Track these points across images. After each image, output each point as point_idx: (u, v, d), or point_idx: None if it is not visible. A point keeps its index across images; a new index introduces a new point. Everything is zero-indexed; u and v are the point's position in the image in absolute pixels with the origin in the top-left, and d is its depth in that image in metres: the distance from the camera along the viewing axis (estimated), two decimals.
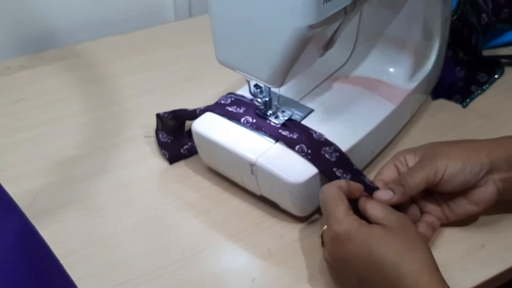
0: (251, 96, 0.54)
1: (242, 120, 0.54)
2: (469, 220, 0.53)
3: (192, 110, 0.59)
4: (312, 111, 0.57)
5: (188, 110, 0.60)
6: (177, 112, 0.62)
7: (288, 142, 0.51)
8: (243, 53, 0.47)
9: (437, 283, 0.40)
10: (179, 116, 0.62)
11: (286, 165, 0.50)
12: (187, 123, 0.63)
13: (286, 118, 0.54)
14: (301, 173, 0.49)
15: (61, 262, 0.35)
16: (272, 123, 0.54)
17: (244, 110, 0.55)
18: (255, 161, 0.50)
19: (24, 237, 0.31)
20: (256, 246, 0.52)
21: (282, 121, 0.54)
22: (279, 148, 0.52)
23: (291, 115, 0.55)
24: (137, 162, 0.61)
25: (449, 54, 0.75)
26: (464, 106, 0.69)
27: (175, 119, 0.62)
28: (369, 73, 0.62)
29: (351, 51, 0.64)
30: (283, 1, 0.40)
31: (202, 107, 0.58)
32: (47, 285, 0.32)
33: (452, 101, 0.70)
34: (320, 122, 0.55)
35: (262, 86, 0.53)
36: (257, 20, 0.43)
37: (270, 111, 0.54)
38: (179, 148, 0.61)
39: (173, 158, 0.61)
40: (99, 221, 0.54)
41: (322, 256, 0.47)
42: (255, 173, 0.51)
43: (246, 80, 0.54)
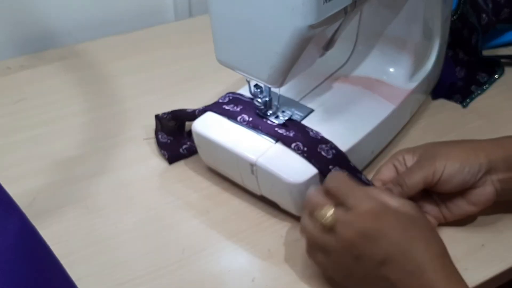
0: (250, 95, 0.54)
1: (238, 118, 0.54)
2: (469, 220, 0.53)
3: (191, 111, 0.59)
4: (312, 111, 0.57)
5: (187, 111, 0.60)
6: (176, 113, 0.62)
7: (285, 140, 0.51)
8: (243, 53, 0.47)
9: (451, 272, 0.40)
10: (178, 117, 0.62)
11: (286, 165, 0.50)
12: (187, 124, 0.63)
13: (286, 118, 0.54)
14: (301, 173, 0.49)
15: (61, 262, 0.35)
16: (269, 122, 0.54)
17: (241, 108, 0.55)
18: (255, 161, 0.50)
19: (24, 237, 0.31)
20: (256, 246, 0.52)
21: (282, 121, 0.54)
22: (279, 148, 0.52)
23: (291, 115, 0.54)
24: (137, 162, 0.61)
25: (449, 54, 0.75)
26: (464, 106, 0.69)
27: (174, 120, 0.62)
28: (369, 73, 0.62)
29: (351, 51, 0.64)
30: (283, 1, 0.40)
31: (201, 107, 0.58)
32: (47, 285, 0.32)
33: (452, 101, 0.70)
34: (320, 122, 0.55)
35: (262, 86, 0.53)
36: (257, 20, 0.43)
37: (270, 111, 0.54)
38: (178, 148, 0.61)
39: (172, 158, 0.61)
40: (99, 221, 0.54)
41: None
42: (255, 173, 0.51)
43: (246, 80, 0.54)
